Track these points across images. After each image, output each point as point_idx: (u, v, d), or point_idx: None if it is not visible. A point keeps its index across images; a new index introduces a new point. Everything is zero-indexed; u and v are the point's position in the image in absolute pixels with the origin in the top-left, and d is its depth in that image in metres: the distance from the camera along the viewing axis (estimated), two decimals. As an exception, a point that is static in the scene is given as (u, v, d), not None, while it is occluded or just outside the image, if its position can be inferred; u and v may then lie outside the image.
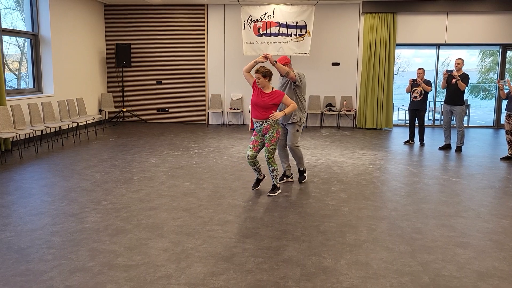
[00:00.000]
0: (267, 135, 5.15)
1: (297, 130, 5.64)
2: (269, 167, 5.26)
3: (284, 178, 5.91)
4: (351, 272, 3.30)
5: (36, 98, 8.74)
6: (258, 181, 5.55)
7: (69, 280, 3.12)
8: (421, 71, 8.62)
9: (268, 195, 5.27)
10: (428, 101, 9.28)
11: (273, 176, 5.29)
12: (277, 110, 5.30)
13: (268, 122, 5.09)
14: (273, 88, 5.15)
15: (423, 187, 5.71)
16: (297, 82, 5.54)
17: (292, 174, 5.97)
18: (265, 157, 5.24)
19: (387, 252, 3.66)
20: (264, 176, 5.57)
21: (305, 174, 5.96)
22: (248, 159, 5.23)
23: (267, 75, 5.04)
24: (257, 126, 5.18)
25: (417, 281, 3.18)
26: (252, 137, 5.28)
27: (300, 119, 5.61)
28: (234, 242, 3.84)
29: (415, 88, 8.66)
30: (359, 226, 4.27)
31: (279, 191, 5.40)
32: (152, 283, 3.10)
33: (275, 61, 5.33)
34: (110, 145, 8.47)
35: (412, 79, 8.72)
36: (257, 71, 5.05)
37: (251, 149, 5.21)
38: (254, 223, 4.31)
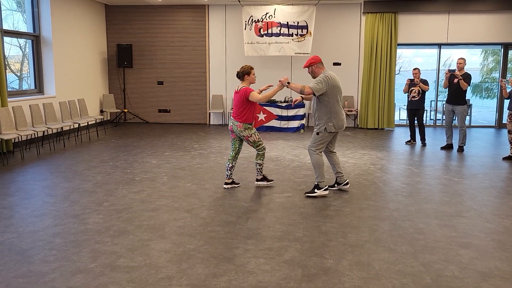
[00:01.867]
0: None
1: (317, 133, 5.20)
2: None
3: (335, 185, 5.51)
4: (353, 273, 3.30)
5: (37, 99, 8.75)
6: (264, 178, 5.78)
7: (71, 282, 3.12)
8: (416, 71, 8.64)
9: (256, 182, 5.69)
10: (426, 100, 9.26)
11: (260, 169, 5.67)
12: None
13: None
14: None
15: (425, 187, 5.70)
16: (316, 94, 5.16)
17: (346, 180, 5.49)
18: None
19: (389, 253, 3.66)
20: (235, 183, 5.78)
21: (316, 191, 5.25)
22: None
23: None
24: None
25: (419, 281, 3.17)
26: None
27: (325, 129, 5.15)
28: (236, 243, 3.83)
29: (412, 88, 8.68)
30: (361, 227, 4.26)
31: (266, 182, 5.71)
32: (154, 285, 3.10)
33: (288, 83, 5.26)
34: (112, 146, 8.47)
35: (410, 79, 8.74)
36: (252, 68, 5.52)
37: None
38: (255, 224, 4.31)
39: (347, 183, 5.51)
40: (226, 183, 5.63)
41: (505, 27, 10.84)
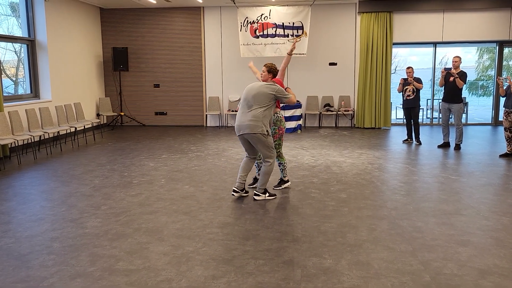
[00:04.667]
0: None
1: None
2: (276, 161, 5.57)
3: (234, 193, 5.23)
4: (352, 272, 3.30)
5: (33, 104, 8.73)
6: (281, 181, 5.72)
7: (70, 286, 3.11)
8: (410, 69, 8.66)
9: (274, 188, 5.57)
10: (422, 99, 9.30)
11: (281, 169, 5.60)
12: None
13: None
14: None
15: (422, 186, 5.71)
16: None
17: (244, 190, 5.27)
18: None
19: (388, 252, 3.66)
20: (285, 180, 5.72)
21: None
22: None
23: (271, 71, 5.23)
24: None
25: (418, 280, 3.17)
26: None
27: None
28: (235, 245, 3.83)
29: (407, 87, 8.70)
30: (359, 226, 4.27)
31: (286, 184, 5.66)
32: (153, 287, 3.09)
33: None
34: (109, 150, 8.46)
35: (403, 79, 8.76)
36: (265, 65, 5.25)
37: None
38: (254, 225, 4.31)
39: (243, 191, 5.24)
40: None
41: (499, 25, 10.88)
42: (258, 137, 4.90)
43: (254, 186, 5.64)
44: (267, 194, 5.18)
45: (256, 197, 5.14)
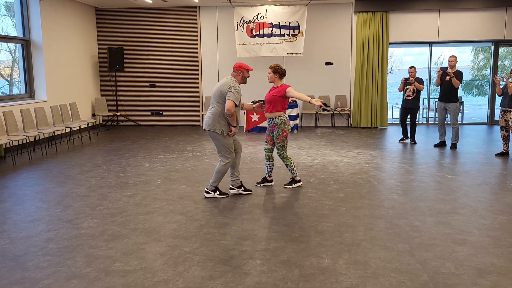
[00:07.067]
0: (274, 133, 5.47)
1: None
2: (284, 163, 5.57)
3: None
4: (350, 272, 3.29)
5: (28, 104, 8.67)
6: (264, 179, 5.79)
7: (66, 287, 3.08)
8: (412, 69, 8.64)
9: (284, 187, 5.67)
10: (421, 99, 9.30)
11: (289, 170, 5.61)
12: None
13: (274, 120, 5.40)
14: (283, 83, 5.43)
15: (419, 185, 5.71)
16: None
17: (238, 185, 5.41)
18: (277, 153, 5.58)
19: (386, 251, 3.65)
20: (272, 181, 5.82)
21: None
22: (264, 151, 5.63)
23: (277, 71, 5.37)
24: (268, 121, 5.50)
25: (416, 279, 3.17)
26: (266, 131, 5.68)
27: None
28: (232, 245, 3.81)
29: (407, 87, 8.69)
30: (357, 226, 4.26)
31: (297, 184, 5.69)
32: (150, 288, 3.07)
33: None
34: (105, 150, 8.42)
35: (405, 78, 8.74)
36: (270, 67, 5.41)
37: (266, 143, 5.61)
38: (251, 225, 4.29)
39: (240, 188, 5.41)
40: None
41: (495, 24, 10.91)
42: (213, 134, 5.07)
43: (261, 184, 5.77)
44: (217, 193, 5.26)
45: (206, 195, 5.26)
